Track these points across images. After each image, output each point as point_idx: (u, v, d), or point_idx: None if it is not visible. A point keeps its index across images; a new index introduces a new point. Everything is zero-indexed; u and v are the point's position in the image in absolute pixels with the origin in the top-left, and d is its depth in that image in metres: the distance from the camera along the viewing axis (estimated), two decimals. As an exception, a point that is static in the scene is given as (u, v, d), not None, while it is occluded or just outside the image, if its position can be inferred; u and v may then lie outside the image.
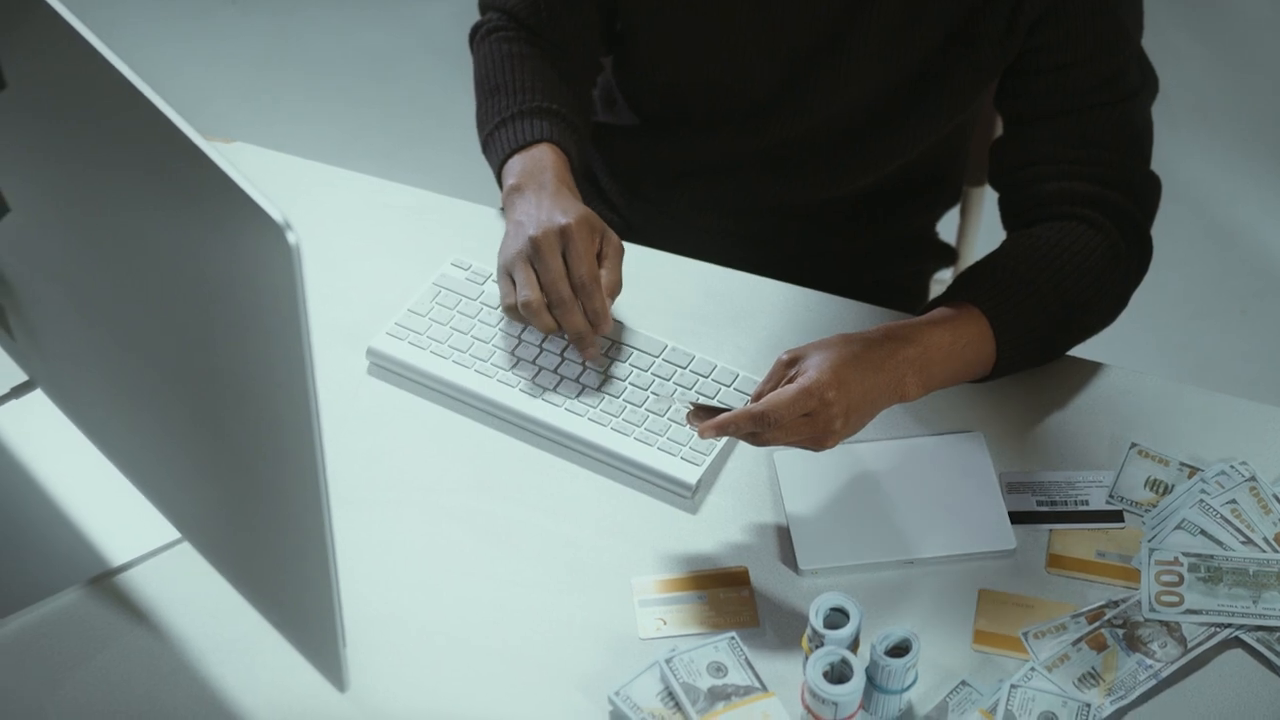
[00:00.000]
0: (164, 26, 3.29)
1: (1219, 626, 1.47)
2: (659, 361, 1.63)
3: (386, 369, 1.65)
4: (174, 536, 1.50)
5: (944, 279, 2.07)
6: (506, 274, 1.59)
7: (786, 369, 1.49)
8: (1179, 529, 1.51)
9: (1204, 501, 1.53)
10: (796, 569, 1.51)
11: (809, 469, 1.57)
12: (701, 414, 1.49)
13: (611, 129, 1.90)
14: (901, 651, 1.38)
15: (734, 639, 1.44)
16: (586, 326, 1.57)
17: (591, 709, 1.42)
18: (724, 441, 1.58)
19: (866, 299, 1.76)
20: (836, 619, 1.39)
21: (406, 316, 1.66)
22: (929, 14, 1.66)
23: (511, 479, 1.57)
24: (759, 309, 1.70)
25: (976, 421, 1.62)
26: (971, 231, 2.06)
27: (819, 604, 1.39)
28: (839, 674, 1.36)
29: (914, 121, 1.75)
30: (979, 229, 2.07)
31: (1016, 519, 1.54)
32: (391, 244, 1.75)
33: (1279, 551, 1.50)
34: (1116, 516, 1.55)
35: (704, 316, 1.69)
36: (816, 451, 1.51)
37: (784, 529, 1.54)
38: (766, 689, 1.41)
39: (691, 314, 1.70)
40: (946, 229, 2.03)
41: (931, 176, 1.90)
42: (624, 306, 1.69)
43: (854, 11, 1.66)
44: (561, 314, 1.57)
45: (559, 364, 1.62)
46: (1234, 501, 1.53)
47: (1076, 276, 1.61)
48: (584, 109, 1.78)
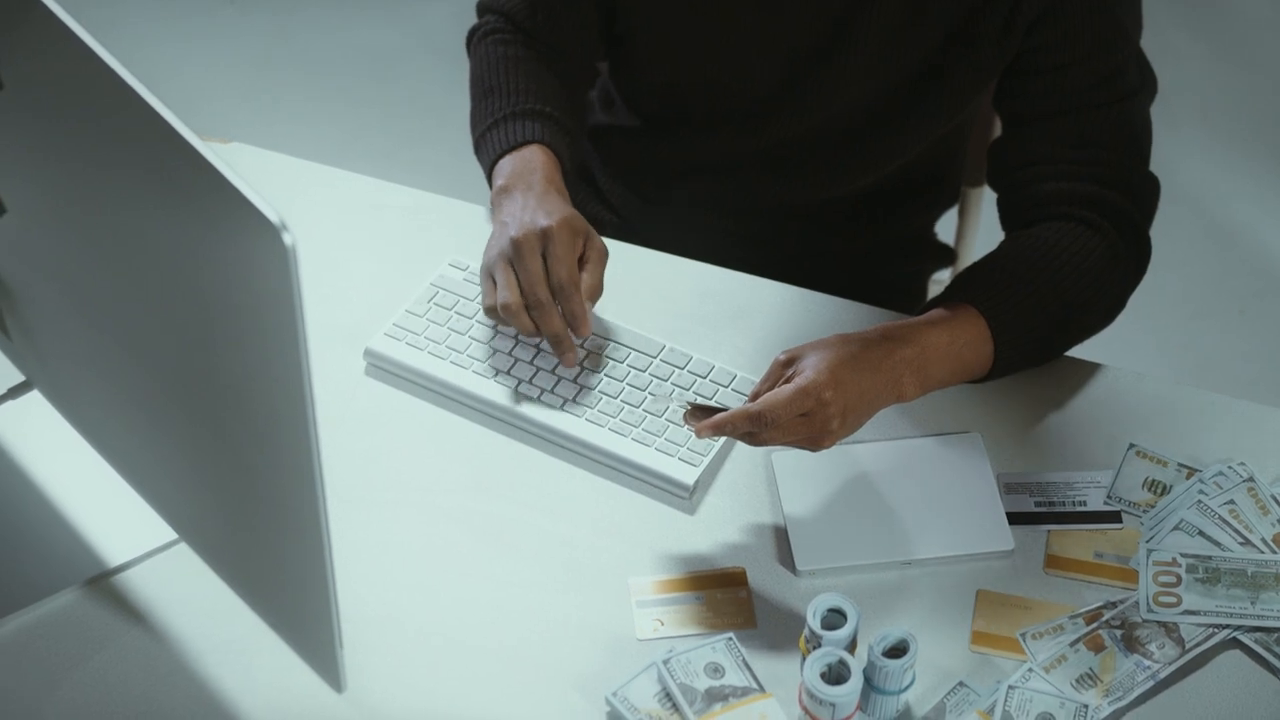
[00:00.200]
0: (163, 26, 3.29)
1: (1217, 627, 1.46)
2: (657, 362, 1.63)
3: (384, 369, 1.64)
4: (171, 537, 1.50)
5: (942, 279, 2.07)
6: (488, 274, 1.59)
7: (784, 369, 1.49)
8: (1177, 530, 1.51)
9: (1202, 502, 1.53)
10: (794, 570, 1.51)
11: (807, 469, 1.56)
12: (699, 414, 1.49)
13: (611, 129, 1.90)
14: (899, 652, 1.38)
15: (731, 640, 1.43)
16: (564, 329, 1.57)
17: (588, 710, 1.42)
18: (721, 442, 1.58)
19: (865, 299, 1.76)
20: (834, 620, 1.39)
21: (404, 317, 1.66)
22: (929, 14, 1.66)
23: (509, 479, 1.57)
24: (757, 309, 1.70)
25: (974, 422, 1.62)
26: (970, 232, 2.06)
27: (816, 605, 1.39)
28: (836, 675, 1.36)
29: (914, 121, 1.75)
30: (977, 230, 2.06)
31: (1014, 520, 1.54)
32: (389, 244, 1.75)
33: (1277, 552, 1.50)
34: (1114, 517, 1.55)
35: (702, 317, 1.69)
36: (814, 452, 1.51)
37: (781, 529, 1.54)
38: (764, 690, 1.41)
39: (689, 314, 1.69)
40: (945, 230, 2.03)
41: (930, 177, 1.90)
42: (622, 307, 1.69)
43: (854, 11, 1.66)
44: (539, 316, 1.56)
45: (556, 364, 1.62)
46: (1232, 502, 1.53)
47: (1075, 277, 1.61)
48: (578, 112, 1.78)
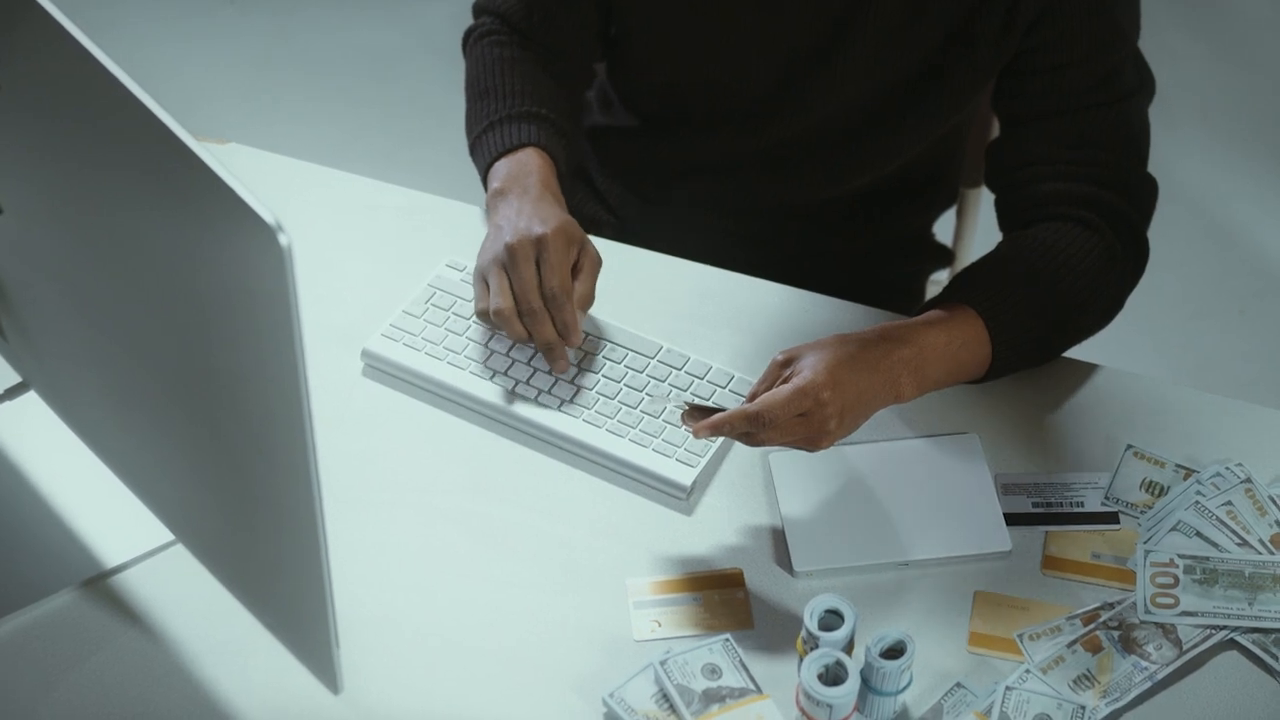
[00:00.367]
0: (162, 26, 3.29)
1: (1214, 628, 1.46)
2: (654, 363, 1.63)
3: (381, 370, 1.64)
4: (167, 539, 1.50)
5: (940, 280, 2.07)
6: (482, 278, 1.59)
7: (781, 369, 1.49)
8: (1174, 530, 1.51)
9: (1199, 503, 1.52)
10: (791, 571, 1.51)
11: (804, 470, 1.56)
12: (696, 414, 1.48)
13: (609, 130, 1.90)
14: (896, 653, 1.38)
15: (729, 641, 1.43)
16: (556, 337, 1.57)
17: (586, 711, 1.42)
18: (719, 442, 1.58)
19: (864, 299, 1.76)
20: (831, 621, 1.39)
21: (401, 318, 1.66)
22: (928, 14, 1.66)
23: (506, 480, 1.57)
24: (754, 310, 1.70)
25: (972, 423, 1.61)
26: (968, 233, 2.06)
27: (814, 606, 1.39)
28: (834, 676, 1.36)
29: (912, 121, 1.75)
30: (975, 230, 2.06)
31: (1012, 520, 1.54)
32: (386, 245, 1.75)
33: (1275, 553, 1.50)
34: (1112, 518, 1.55)
35: (700, 318, 1.69)
36: (811, 452, 1.51)
37: (779, 530, 1.53)
38: (761, 691, 1.41)
39: (687, 315, 1.69)
40: (943, 230, 2.03)
41: (929, 177, 1.90)
42: (619, 307, 1.68)
43: (853, 11, 1.66)
44: (531, 323, 1.57)
45: (554, 365, 1.62)
46: (1229, 503, 1.53)
47: (1072, 278, 1.61)
48: (575, 113, 1.78)
